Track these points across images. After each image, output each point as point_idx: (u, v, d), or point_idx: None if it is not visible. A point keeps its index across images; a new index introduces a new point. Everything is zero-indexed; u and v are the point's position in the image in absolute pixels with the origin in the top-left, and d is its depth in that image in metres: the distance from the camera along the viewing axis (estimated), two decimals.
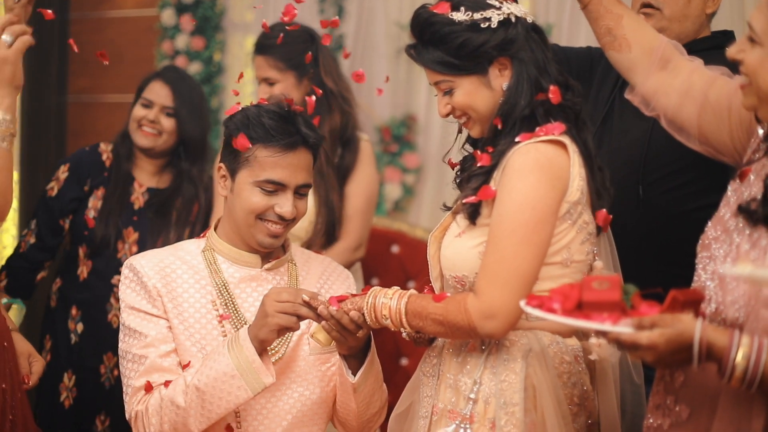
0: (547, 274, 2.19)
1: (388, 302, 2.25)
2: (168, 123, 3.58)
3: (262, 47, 3.51)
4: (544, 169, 2.15)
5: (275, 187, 2.48)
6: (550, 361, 2.20)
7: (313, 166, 2.56)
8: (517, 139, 2.20)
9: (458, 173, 2.40)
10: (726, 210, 2.04)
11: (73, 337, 3.52)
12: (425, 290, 2.39)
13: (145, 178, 3.64)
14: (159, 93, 3.61)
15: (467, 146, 2.40)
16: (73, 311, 3.52)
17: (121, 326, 2.53)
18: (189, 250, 2.61)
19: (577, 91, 2.31)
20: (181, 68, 3.86)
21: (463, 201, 2.25)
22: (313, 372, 2.56)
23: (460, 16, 2.23)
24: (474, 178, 2.26)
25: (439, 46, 2.25)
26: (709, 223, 2.08)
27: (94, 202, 3.53)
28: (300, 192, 2.52)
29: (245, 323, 2.51)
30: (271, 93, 3.36)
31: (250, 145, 2.45)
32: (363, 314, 2.28)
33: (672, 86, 2.32)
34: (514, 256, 2.12)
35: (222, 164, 2.56)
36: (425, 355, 2.39)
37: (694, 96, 2.27)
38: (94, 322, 3.51)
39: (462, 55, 2.23)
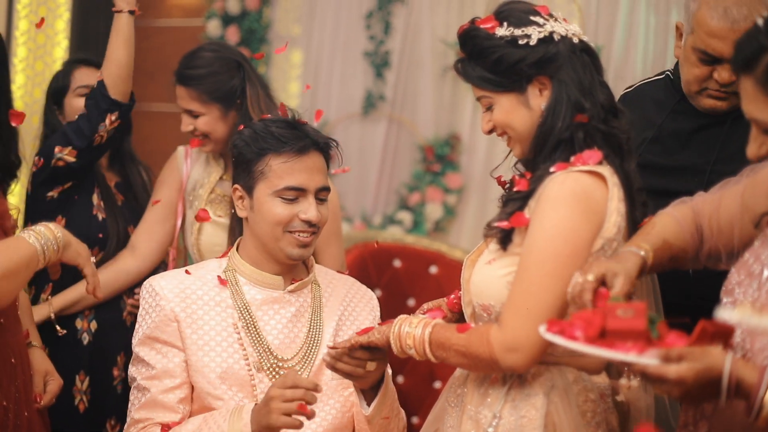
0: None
1: (413, 331, 2.19)
2: None
3: (184, 78, 3.27)
4: (580, 201, 2.06)
5: (296, 194, 2.45)
6: (574, 398, 2.12)
7: (327, 170, 2.54)
8: (552, 170, 2.11)
9: (505, 192, 2.34)
10: (750, 255, 1.96)
11: (86, 337, 3.44)
12: (449, 299, 2.36)
13: (105, 172, 3.51)
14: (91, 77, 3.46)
15: (520, 165, 2.32)
16: (86, 310, 3.45)
17: (133, 349, 2.51)
18: (210, 269, 2.56)
19: (625, 120, 2.22)
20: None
21: (495, 224, 2.18)
22: (334, 397, 2.51)
23: (502, 31, 2.17)
24: (510, 203, 2.19)
25: (479, 60, 2.20)
26: (733, 269, 2.00)
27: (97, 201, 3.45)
28: (319, 197, 2.49)
29: (267, 347, 2.47)
30: (195, 124, 3.25)
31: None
32: (390, 343, 2.22)
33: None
34: (542, 288, 2.04)
35: (237, 185, 2.53)
36: (449, 383, 2.33)
37: (712, 233, 2.17)
38: (109, 320, 3.45)
39: (499, 71, 2.17)
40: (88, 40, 5.06)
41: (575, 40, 2.19)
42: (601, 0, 4.78)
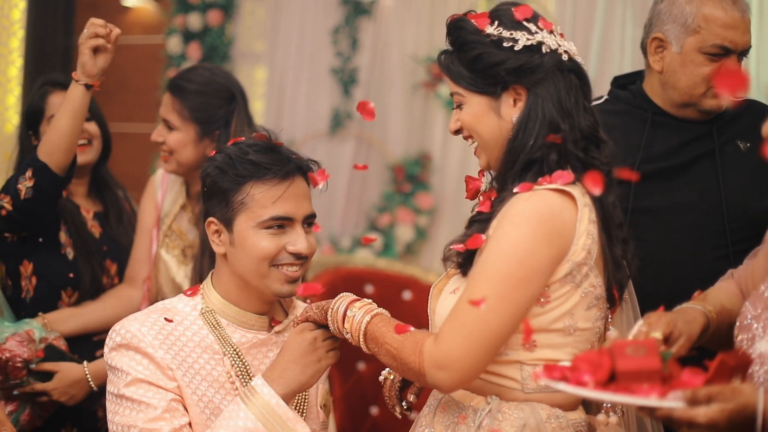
0: (548, 342, 1.98)
1: (353, 314, 2.06)
2: (93, 127, 3.27)
3: (174, 86, 3.14)
4: (543, 222, 1.93)
5: (282, 224, 2.22)
6: None
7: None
8: (516, 190, 1.99)
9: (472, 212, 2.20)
10: (766, 288, 1.89)
11: None
12: None
13: (82, 201, 3.29)
14: None
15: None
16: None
17: (114, 398, 2.19)
18: (184, 312, 2.28)
19: (607, 151, 2.10)
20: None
21: (451, 247, 2.06)
22: None
23: (490, 29, 2.05)
24: (475, 225, 2.06)
25: (459, 54, 2.09)
26: (747, 303, 1.92)
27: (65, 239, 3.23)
28: (307, 224, 2.27)
29: None
30: (166, 138, 3.10)
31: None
32: (327, 317, 2.11)
33: None
34: (487, 309, 1.91)
35: (212, 218, 2.27)
36: (416, 422, 2.19)
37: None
38: (88, 358, 3.22)
39: (476, 69, 2.06)
40: (44, 59, 4.93)
41: (565, 57, 2.06)
42: (576, 13, 4.68)
